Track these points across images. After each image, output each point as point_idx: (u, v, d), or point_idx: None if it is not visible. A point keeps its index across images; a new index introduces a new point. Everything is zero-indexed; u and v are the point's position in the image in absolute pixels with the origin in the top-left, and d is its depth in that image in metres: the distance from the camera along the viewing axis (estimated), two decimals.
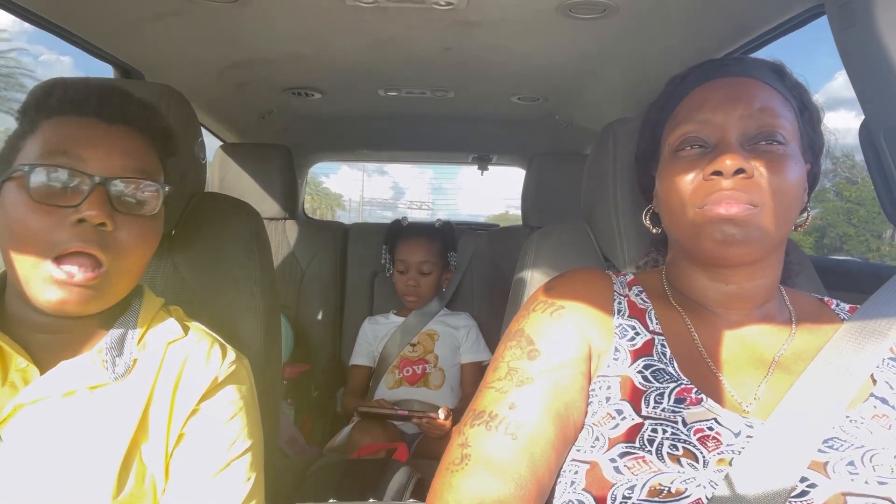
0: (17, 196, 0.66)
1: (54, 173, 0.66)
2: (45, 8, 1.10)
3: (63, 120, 0.70)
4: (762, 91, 0.69)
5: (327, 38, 1.34)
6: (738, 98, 0.68)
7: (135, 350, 0.72)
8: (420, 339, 1.84)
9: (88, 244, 0.65)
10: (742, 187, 0.64)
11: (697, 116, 0.70)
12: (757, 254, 0.67)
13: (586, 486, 0.59)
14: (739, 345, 0.69)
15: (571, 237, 1.02)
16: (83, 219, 0.65)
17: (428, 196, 20.28)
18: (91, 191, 0.66)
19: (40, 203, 0.65)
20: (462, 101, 1.88)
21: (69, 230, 0.65)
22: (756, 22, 1.12)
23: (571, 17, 1.14)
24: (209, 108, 1.85)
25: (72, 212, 0.65)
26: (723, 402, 0.62)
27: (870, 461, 0.55)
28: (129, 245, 0.69)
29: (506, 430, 0.62)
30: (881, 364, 0.65)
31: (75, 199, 0.65)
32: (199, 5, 1.13)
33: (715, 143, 0.68)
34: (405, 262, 1.87)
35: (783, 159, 0.66)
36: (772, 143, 0.66)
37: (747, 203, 0.64)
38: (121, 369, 0.70)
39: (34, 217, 0.64)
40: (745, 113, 0.67)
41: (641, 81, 1.47)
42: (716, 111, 0.69)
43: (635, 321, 0.70)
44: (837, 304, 0.75)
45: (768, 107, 0.68)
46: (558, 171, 1.99)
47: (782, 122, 0.67)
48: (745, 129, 0.67)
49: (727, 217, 0.64)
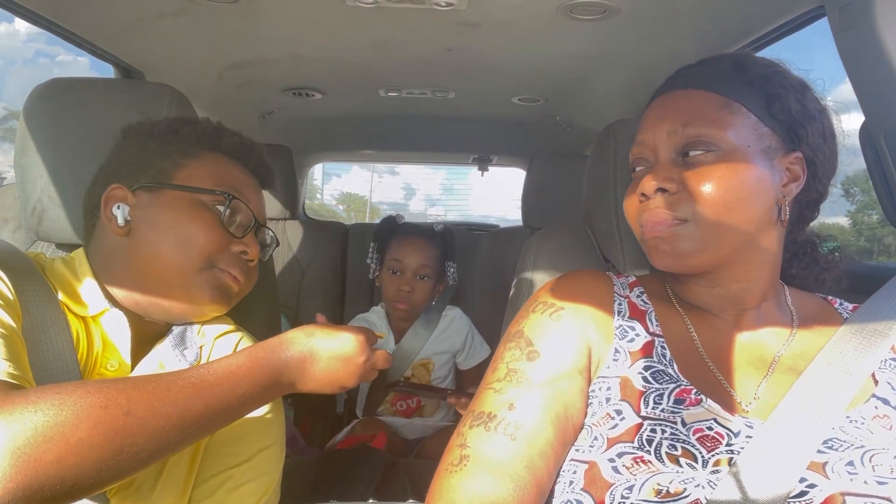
0: (195, 211, 0.76)
1: (239, 204, 0.80)
2: (46, 8, 1.10)
3: (230, 162, 0.83)
4: (693, 102, 0.70)
5: (328, 38, 1.34)
6: (664, 116, 0.71)
7: (197, 339, 0.80)
8: (414, 370, 1.68)
9: (240, 272, 0.79)
10: (667, 205, 0.67)
11: (639, 137, 0.73)
12: (710, 260, 0.68)
13: (585, 486, 0.59)
14: (739, 345, 0.69)
15: (572, 238, 1.02)
16: (245, 252, 0.79)
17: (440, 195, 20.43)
18: (251, 230, 0.81)
19: (219, 226, 0.77)
20: (462, 101, 1.88)
21: (230, 255, 0.78)
22: (756, 23, 1.12)
23: (572, 18, 1.14)
24: (209, 108, 1.85)
25: (237, 242, 0.78)
26: (722, 403, 0.62)
27: (869, 461, 0.55)
28: (253, 278, 0.84)
29: (505, 430, 0.62)
30: (882, 364, 0.65)
31: (240, 231, 0.80)
32: (200, 5, 1.13)
33: (653, 162, 0.71)
34: (401, 263, 1.69)
35: (714, 166, 0.66)
36: (701, 153, 0.67)
37: (672, 219, 0.66)
38: (191, 357, 0.78)
39: (210, 234, 0.76)
40: (671, 129, 0.69)
41: (642, 83, 1.47)
42: (647, 131, 0.72)
43: (635, 322, 0.70)
44: (841, 304, 0.75)
45: (697, 117, 0.68)
46: (559, 172, 1.98)
47: (711, 131, 0.67)
48: (674, 144, 0.69)
49: (655, 235, 0.68)
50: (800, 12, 1.02)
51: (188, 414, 0.57)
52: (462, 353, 1.74)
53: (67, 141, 0.90)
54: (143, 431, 0.53)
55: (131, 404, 0.53)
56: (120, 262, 0.75)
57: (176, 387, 0.57)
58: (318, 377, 0.72)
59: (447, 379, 1.74)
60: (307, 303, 1.98)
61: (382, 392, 1.68)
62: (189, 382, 0.59)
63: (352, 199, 19.72)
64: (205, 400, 0.59)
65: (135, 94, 0.94)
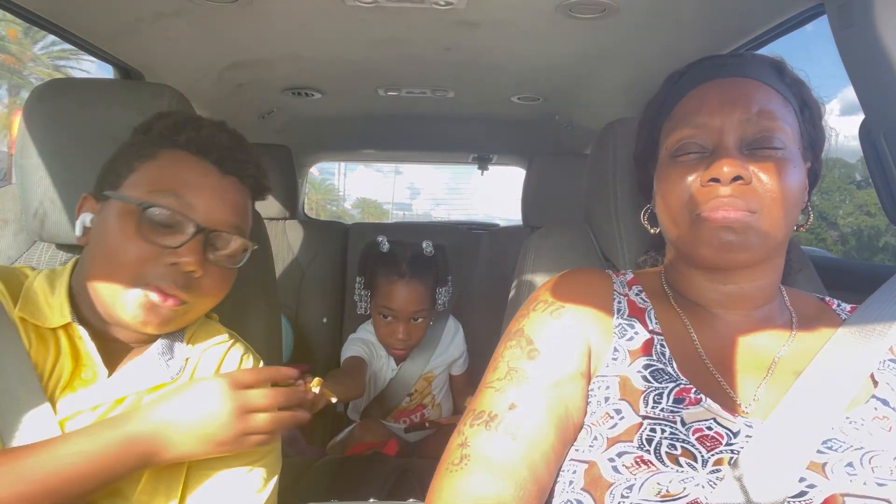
0: (123, 222, 0.69)
1: (164, 212, 0.70)
2: (46, 8, 1.10)
3: (183, 157, 0.74)
4: (760, 92, 0.68)
5: (327, 38, 1.34)
6: (735, 101, 0.67)
7: (184, 351, 0.77)
8: (416, 385, 1.64)
9: (174, 287, 0.70)
10: (739, 194, 0.64)
11: (695, 120, 0.69)
12: (756, 258, 0.67)
13: (585, 486, 0.58)
14: (739, 346, 0.69)
15: (572, 237, 1.02)
16: (177, 263, 0.69)
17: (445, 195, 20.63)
18: (192, 238, 0.70)
19: (144, 238, 0.69)
20: (462, 100, 1.88)
21: (162, 268, 0.69)
22: (756, 21, 1.12)
23: (571, 17, 1.14)
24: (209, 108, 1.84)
25: (170, 253, 0.69)
26: (722, 403, 0.61)
27: (868, 462, 0.55)
28: (210, 290, 0.74)
29: (505, 430, 0.62)
30: (881, 365, 0.64)
31: (176, 240, 0.70)
32: (199, 5, 1.13)
33: (712, 148, 0.67)
34: (392, 312, 1.53)
35: (782, 164, 0.65)
36: (770, 148, 0.66)
37: (745, 210, 0.64)
38: (175, 369, 0.74)
39: (134, 246, 0.68)
40: (743, 117, 0.66)
41: (641, 81, 1.47)
42: (713, 115, 0.68)
43: (634, 321, 0.69)
44: (838, 304, 0.75)
45: (767, 109, 0.67)
46: (558, 171, 1.98)
47: (781, 125, 0.66)
48: (743, 133, 0.66)
49: (724, 224, 0.64)
50: (799, 10, 1.02)
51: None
52: (458, 362, 1.75)
53: (67, 141, 0.90)
54: None
55: None
56: (80, 273, 0.74)
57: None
58: (188, 442, 0.66)
59: (443, 387, 1.75)
60: (307, 303, 1.98)
61: (383, 411, 1.65)
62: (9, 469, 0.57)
63: (366, 204, 21.81)
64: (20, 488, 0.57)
65: (134, 95, 0.94)
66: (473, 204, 19.10)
